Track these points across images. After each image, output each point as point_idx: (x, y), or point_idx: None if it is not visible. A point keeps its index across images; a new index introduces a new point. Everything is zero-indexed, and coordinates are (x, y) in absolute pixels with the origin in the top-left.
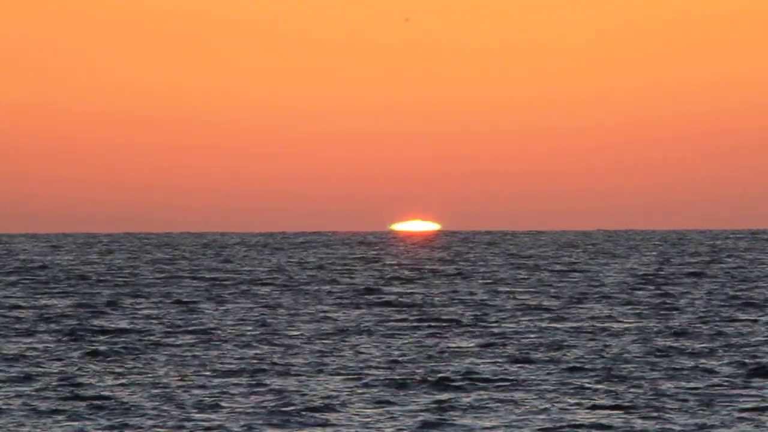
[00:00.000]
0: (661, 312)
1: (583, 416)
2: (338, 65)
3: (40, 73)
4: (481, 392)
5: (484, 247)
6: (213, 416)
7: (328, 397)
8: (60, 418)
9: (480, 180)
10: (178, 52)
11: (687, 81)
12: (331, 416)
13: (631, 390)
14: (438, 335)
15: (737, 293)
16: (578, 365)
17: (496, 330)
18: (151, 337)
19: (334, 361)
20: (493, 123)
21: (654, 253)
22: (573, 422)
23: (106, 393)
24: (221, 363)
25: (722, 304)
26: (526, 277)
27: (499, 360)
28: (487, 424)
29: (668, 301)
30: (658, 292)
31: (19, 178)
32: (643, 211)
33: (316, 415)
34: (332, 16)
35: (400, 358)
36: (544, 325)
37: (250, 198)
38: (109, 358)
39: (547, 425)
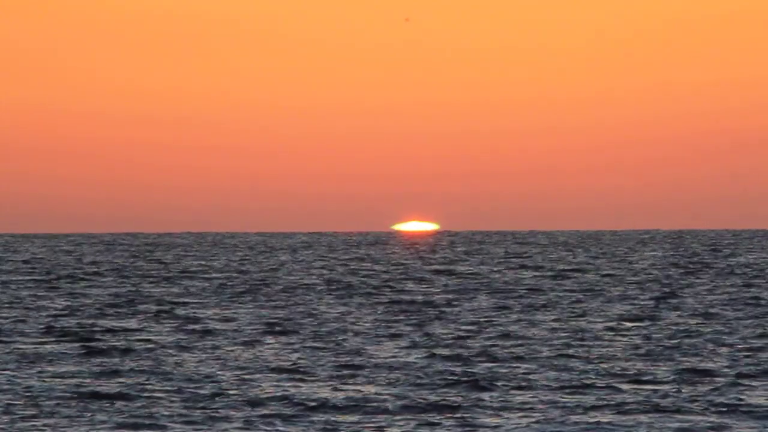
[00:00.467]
0: (664, 312)
1: (586, 416)
2: (338, 65)
3: (40, 73)
4: (485, 392)
5: (486, 247)
6: (216, 415)
7: (333, 397)
8: (63, 418)
9: (480, 180)
10: (178, 52)
11: (687, 81)
12: (335, 417)
13: (634, 390)
14: (442, 335)
15: (739, 293)
16: (582, 365)
17: (499, 329)
18: (156, 337)
19: (338, 360)
20: (493, 123)
21: (654, 252)
22: (576, 422)
23: (111, 392)
24: (227, 363)
25: (724, 303)
26: (530, 277)
27: (503, 359)
28: (493, 422)
29: (670, 301)
30: (660, 292)
31: (19, 178)
32: (643, 211)
33: (321, 415)
34: (332, 16)
35: (406, 358)
36: (548, 325)
37: (250, 198)
38: (112, 358)
39: (550, 425)
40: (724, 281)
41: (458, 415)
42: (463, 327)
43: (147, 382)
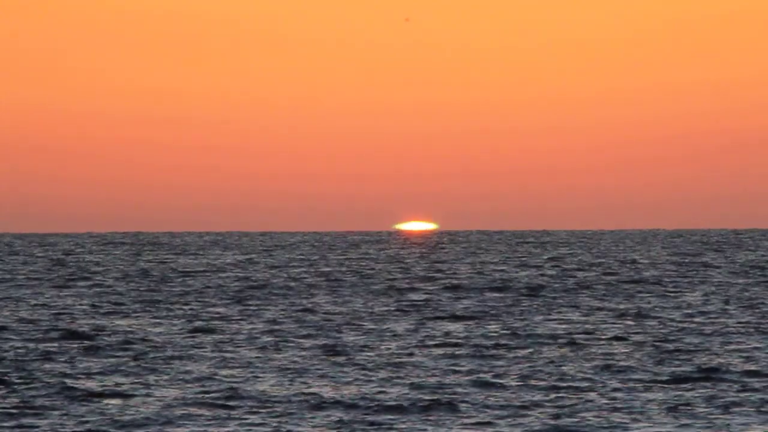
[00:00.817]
0: (666, 310)
1: (589, 414)
2: (338, 65)
3: (40, 73)
4: (488, 390)
5: (486, 246)
6: (220, 414)
7: (337, 395)
8: (67, 417)
9: (480, 180)
10: (178, 52)
11: (687, 81)
12: (339, 415)
13: (638, 389)
14: (444, 333)
15: (741, 292)
16: (585, 363)
17: (501, 328)
18: (159, 338)
19: (341, 358)
20: (493, 123)
21: (655, 252)
22: (578, 421)
23: (115, 392)
24: (231, 362)
25: (727, 302)
26: (530, 275)
27: (505, 357)
28: (494, 420)
29: (673, 300)
30: (663, 291)
31: (19, 178)
32: (643, 211)
33: (324, 413)
34: (332, 16)
35: (409, 356)
36: (550, 323)
37: (250, 198)
38: (115, 357)
39: (553, 422)
40: (727, 280)
41: (460, 413)
42: (465, 325)
43: (151, 381)
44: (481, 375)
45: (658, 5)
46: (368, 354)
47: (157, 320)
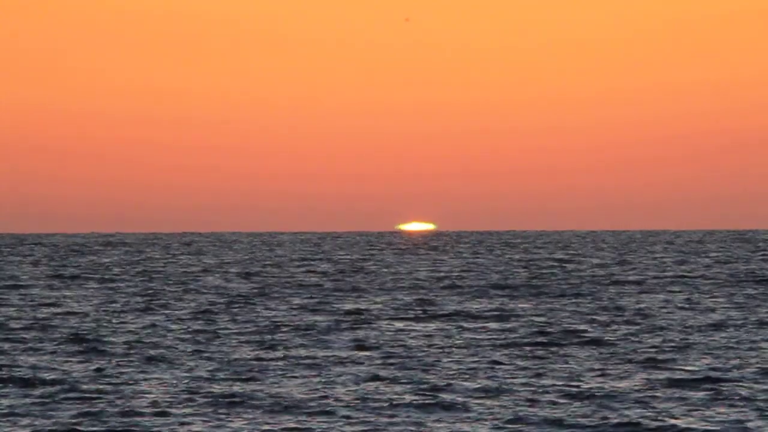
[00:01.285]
0: (672, 311)
1: (590, 416)
2: (338, 65)
3: (40, 73)
4: (491, 387)
5: (486, 247)
6: (226, 414)
7: (344, 393)
8: (76, 418)
9: (479, 180)
10: (178, 52)
11: (687, 81)
12: (345, 412)
13: (645, 389)
14: (450, 333)
15: (745, 293)
16: (591, 364)
17: (505, 327)
18: (163, 339)
19: (346, 358)
20: (493, 123)
21: (657, 252)
22: (586, 423)
23: (120, 392)
24: (238, 362)
25: (732, 302)
26: (530, 275)
27: (508, 356)
28: (500, 417)
29: (673, 303)
30: (665, 292)
31: (19, 178)
32: (644, 211)
33: (330, 410)
34: (332, 16)
35: (416, 355)
36: (554, 324)
37: (250, 198)
38: (121, 358)
39: (551, 423)
40: (729, 280)
41: (462, 413)
42: (466, 325)
43: (152, 382)
44: (483, 374)
45: (658, 5)
46: (369, 354)
47: (158, 320)
